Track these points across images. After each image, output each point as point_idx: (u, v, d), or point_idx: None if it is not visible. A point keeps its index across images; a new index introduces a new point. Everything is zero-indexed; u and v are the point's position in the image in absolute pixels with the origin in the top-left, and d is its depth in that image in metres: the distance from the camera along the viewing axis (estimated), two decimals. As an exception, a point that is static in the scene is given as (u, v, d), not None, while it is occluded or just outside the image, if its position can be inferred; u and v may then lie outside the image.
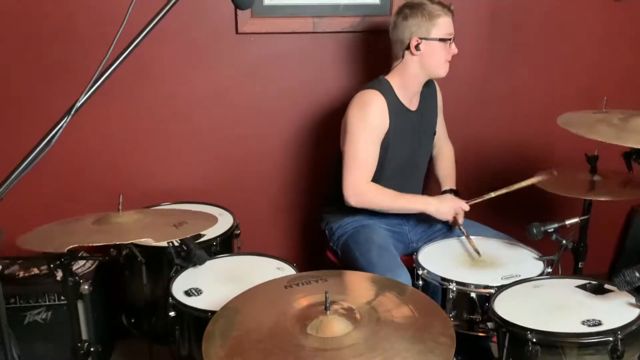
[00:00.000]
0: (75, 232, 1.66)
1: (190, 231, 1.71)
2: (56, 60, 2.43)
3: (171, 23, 2.01)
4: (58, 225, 1.75)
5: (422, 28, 2.13)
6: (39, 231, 1.72)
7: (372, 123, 2.16)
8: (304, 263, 2.80)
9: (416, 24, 2.13)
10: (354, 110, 2.17)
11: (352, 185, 2.16)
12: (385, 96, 2.17)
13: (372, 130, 2.16)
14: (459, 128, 2.66)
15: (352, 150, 2.17)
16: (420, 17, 2.13)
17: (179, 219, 1.76)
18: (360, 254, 2.15)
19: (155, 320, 2.22)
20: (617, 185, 2.24)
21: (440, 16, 2.13)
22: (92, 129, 2.51)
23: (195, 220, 1.81)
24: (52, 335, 2.29)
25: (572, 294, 1.78)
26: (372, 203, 2.20)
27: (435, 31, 2.13)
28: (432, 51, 2.16)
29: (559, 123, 2.03)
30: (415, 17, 2.13)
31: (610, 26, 2.84)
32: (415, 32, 2.13)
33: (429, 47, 2.15)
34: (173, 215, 1.86)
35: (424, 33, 2.13)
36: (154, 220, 1.80)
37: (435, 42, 2.14)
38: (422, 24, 2.13)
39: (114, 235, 1.64)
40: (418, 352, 1.27)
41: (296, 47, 2.62)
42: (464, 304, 1.93)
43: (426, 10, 2.13)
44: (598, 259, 2.58)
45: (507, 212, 2.83)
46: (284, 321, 1.37)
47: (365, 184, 2.17)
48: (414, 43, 2.14)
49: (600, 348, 1.54)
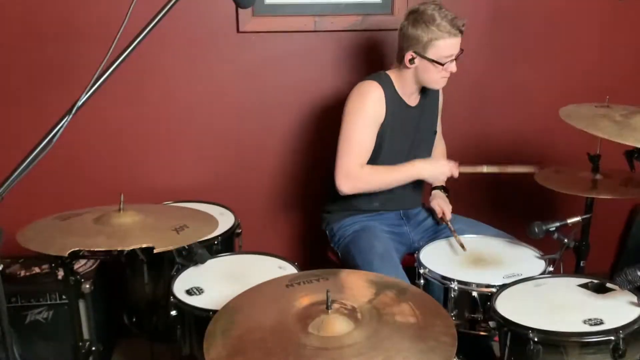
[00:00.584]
0: (76, 232, 1.65)
1: (191, 237, 1.69)
2: (57, 59, 2.43)
3: (172, 22, 2.01)
4: (59, 222, 1.74)
5: (420, 45, 2.06)
6: (39, 225, 1.71)
7: (367, 111, 2.15)
8: (306, 262, 2.80)
9: (416, 37, 2.05)
10: (352, 100, 2.18)
11: (344, 170, 2.13)
12: (383, 88, 2.16)
13: (367, 117, 2.15)
14: (460, 126, 2.65)
15: (346, 136, 2.16)
16: (421, 32, 2.04)
17: (180, 221, 1.75)
18: (362, 261, 2.11)
19: (157, 319, 2.21)
20: (619, 184, 2.23)
21: (443, 38, 2.03)
22: (93, 127, 2.51)
23: (197, 223, 1.79)
24: (54, 335, 2.29)
25: (574, 293, 1.78)
26: (367, 186, 2.18)
27: (432, 52, 2.06)
28: (426, 69, 2.11)
29: (561, 115, 1.99)
30: (417, 29, 2.05)
31: (612, 24, 2.83)
32: (413, 46, 2.07)
33: (423, 65, 2.10)
34: (174, 217, 1.85)
35: (421, 50, 2.07)
36: (155, 222, 1.78)
37: (429, 62, 2.08)
38: (422, 40, 2.05)
39: (114, 239, 1.62)
40: (419, 351, 1.27)
41: (297, 46, 2.62)
42: (465, 303, 1.92)
43: (432, 27, 2.02)
44: (600, 257, 2.57)
45: (509, 211, 2.83)
46: (285, 320, 1.37)
47: (358, 168, 2.14)
48: (408, 57, 2.10)
49: (602, 347, 1.54)
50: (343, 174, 2.13)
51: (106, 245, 1.57)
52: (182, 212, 2.01)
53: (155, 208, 2.02)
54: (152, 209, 1.91)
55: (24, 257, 2.40)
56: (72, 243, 1.55)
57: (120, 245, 1.61)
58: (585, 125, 1.89)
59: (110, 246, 1.58)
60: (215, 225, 1.81)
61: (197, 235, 1.72)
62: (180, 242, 1.70)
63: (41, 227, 1.73)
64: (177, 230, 1.69)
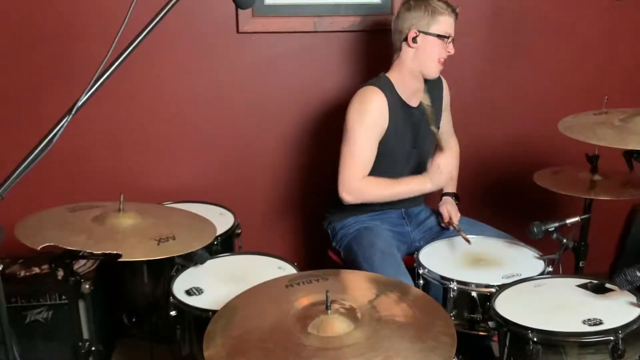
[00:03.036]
0: (65, 228, 1.63)
1: (171, 250, 1.63)
2: (57, 59, 2.43)
3: (172, 22, 2.01)
4: (67, 213, 1.74)
5: (423, 21, 2.14)
6: (45, 215, 1.71)
7: (370, 122, 2.15)
8: (305, 262, 2.80)
9: (418, 16, 2.14)
10: (353, 109, 2.17)
11: (347, 184, 2.15)
12: (385, 93, 2.17)
13: (370, 129, 2.16)
14: (459, 127, 2.65)
15: (348, 149, 2.16)
16: (423, 11, 2.14)
17: (171, 230, 1.70)
18: (363, 258, 2.13)
19: (156, 319, 2.22)
20: (618, 185, 2.23)
21: (443, 14, 2.14)
22: (93, 127, 2.51)
23: (188, 234, 1.74)
24: (53, 335, 2.29)
25: (573, 293, 1.78)
26: (369, 198, 2.20)
27: (435, 27, 2.14)
28: (428, 46, 2.16)
29: (561, 129, 2.01)
30: (418, 9, 2.14)
31: (611, 25, 2.84)
32: (416, 24, 2.15)
33: (426, 42, 2.15)
34: (170, 223, 1.80)
35: (424, 26, 2.14)
36: (147, 227, 1.74)
37: (432, 38, 2.15)
38: (424, 18, 2.14)
39: (92, 240, 1.58)
40: (419, 351, 1.27)
41: (297, 46, 2.62)
42: (464, 303, 1.92)
43: (430, 5, 2.14)
44: (599, 258, 2.58)
45: (508, 211, 2.83)
46: (285, 320, 1.37)
47: (359, 182, 2.16)
48: (412, 35, 2.15)
49: (601, 347, 1.54)
50: (345, 188, 2.16)
51: (79, 245, 1.54)
52: (182, 218, 1.94)
53: (155, 210, 1.99)
54: (152, 211, 1.88)
55: (24, 257, 2.40)
56: (50, 238, 1.53)
57: (94, 247, 1.55)
58: (586, 136, 1.91)
59: (83, 247, 1.54)
60: (206, 239, 1.76)
61: (179, 249, 1.66)
62: (156, 254, 1.62)
63: (45, 217, 1.72)
64: (158, 241, 1.64)
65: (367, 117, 2.15)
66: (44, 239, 1.54)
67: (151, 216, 1.82)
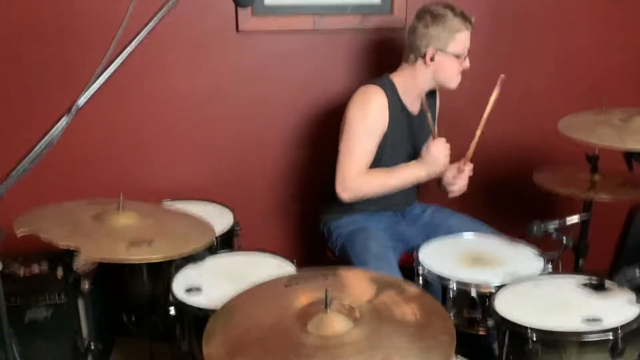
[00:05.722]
0: (59, 221, 1.61)
1: (141, 255, 1.55)
2: (57, 59, 2.43)
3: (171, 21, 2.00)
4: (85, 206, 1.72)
5: (441, 40, 2.11)
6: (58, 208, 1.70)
7: (371, 120, 2.14)
8: (305, 261, 2.79)
9: (436, 35, 2.11)
10: (354, 106, 2.16)
11: (344, 181, 2.14)
12: (387, 94, 2.16)
13: (370, 128, 2.15)
14: (459, 127, 2.65)
15: (347, 146, 2.15)
16: (441, 29, 2.10)
17: (154, 233, 1.63)
18: (358, 263, 2.12)
19: (156, 318, 2.22)
20: (618, 185, 2.24)
21: (461, 31, 2.12)
22: (93, 127, 2.51)
23: (170, 238, 1.67)
24: (53, 334, 2.28)
25: (573, 292, 1.78)
26: (367, 193, 2.18)
27: (452, 45, 2.12)
28: (447, 64, 2.15)
29: (560, 128, 2.02)
30: (436, 27, 2.11)
31: (611, 25, 2.84)
32: (434, 43, 2.12)
33: (444, 60, 2.14)
34: (160, 227, 1.73)
35: (442, 46, 2.12)
36: (139, 227, 1.68)
37: (450, 56, 2.13)
38: (442, 36, 2.11)
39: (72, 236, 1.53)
40: (418, 350, 1.27)
41: (296, 45, 2.62)
42: (464, 302, 1.93)
43: (448, 22, 2.10)
44: (599, 257, 2.57)
45: (508, 211, 2.83)
46: (284, 319, 1.37)
47: (356, 178, 2.14)
48: (430, 54, 2.13)
49: (601, 346, 1.55)
50: (343, 185, 2.14)
51: (51, 235, 1.48)
52: (179, 221, 1.87)
53: (155, 211, 1.92)
54: (151, 212, 1.83)
55: (23, 256, 2.40)
56: (35, 229, 1.50)
57: (68, 241, 1.49)
58: (585, 135, 1.92)
59: (58, 239, 1.48)
60: (182, 249, 1.64)
61: (149, 255, 1.56)
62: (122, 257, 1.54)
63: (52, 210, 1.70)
64: (130, 244, 1.54)
65: (367, 116, 2.14)
66: (27, 226, 1.48)
67: (147, 218, 1.75)
